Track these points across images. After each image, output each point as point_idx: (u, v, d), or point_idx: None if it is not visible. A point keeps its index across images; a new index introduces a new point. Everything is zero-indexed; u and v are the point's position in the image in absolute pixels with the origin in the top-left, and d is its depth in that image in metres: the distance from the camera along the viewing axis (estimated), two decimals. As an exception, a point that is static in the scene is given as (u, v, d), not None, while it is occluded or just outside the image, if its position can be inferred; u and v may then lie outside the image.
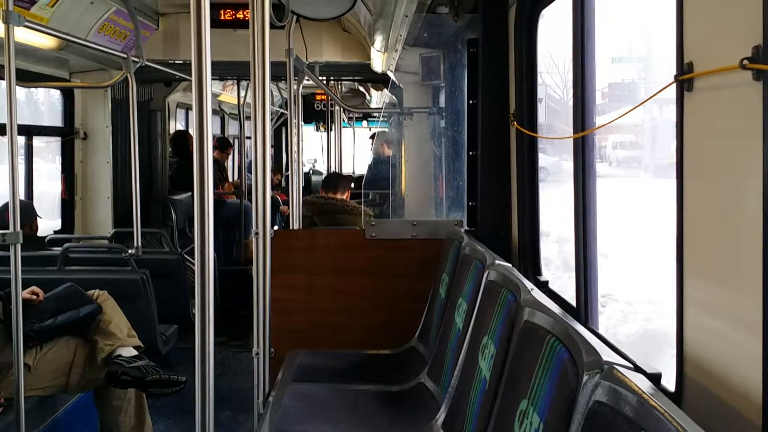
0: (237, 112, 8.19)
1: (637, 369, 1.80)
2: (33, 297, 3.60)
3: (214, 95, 8.59)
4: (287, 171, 8.83)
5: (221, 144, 8.75)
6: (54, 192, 6.28)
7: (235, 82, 8.13)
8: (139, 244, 4.69)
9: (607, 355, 1.49)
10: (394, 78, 5.45)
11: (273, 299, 3.12)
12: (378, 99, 10.43)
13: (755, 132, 1.47)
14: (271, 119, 8.29)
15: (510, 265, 2.60)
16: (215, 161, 7.63)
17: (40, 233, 4.83)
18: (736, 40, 1.52)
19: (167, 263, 5.08)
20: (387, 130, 6.81)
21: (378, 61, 5.57)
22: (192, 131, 7.48)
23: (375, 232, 3.81)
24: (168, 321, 4.87)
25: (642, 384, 1.32)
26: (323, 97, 10.57)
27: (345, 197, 5.59)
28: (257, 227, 2.99)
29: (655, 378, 1.85)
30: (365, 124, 12.96)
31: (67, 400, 3.99)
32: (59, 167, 6.17)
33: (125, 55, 4.65)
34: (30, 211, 4.55)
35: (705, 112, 1.71)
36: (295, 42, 4.41)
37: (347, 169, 10.98)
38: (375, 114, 9.67)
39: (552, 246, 8.22)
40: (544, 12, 3.22)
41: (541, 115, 3.39)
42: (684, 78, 1.74)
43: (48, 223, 5.71)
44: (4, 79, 3.15)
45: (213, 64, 1.82)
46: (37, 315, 3.57)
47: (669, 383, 1.86)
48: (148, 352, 3.84)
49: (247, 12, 3.08)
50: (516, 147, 3.47)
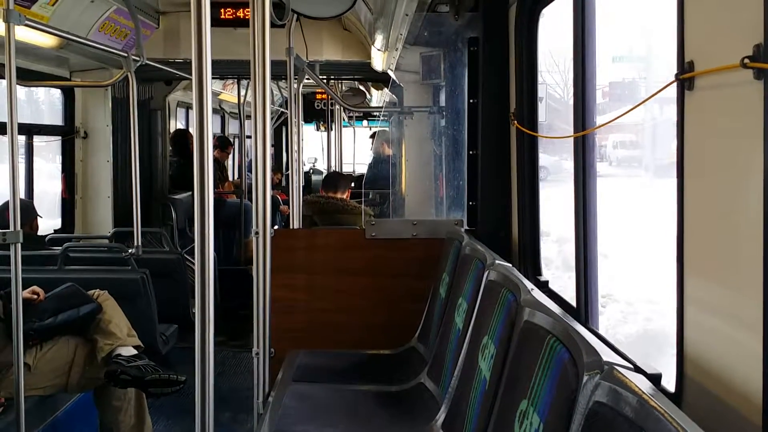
0: (237, 111, 8.19)
1: (637, 369, 1.80)
2: (33, 296, 3.60)
3: (214, 94, 8.58)
4: (287, 170, 8.82)
5: (221, 143, 8.75)
6: (54, 191, 6.28)
7: (236, 81, 8.14)
8: (139, 243, 4.68)
9: (607, 356, 1.48)
10: (394, 77, 5.44)
11: (273, 299, 3.12)
12: (378, 98, 10.42)
13: (756, 131, 1.46)
14: (272, 118, 8.27)
15: (510, 265, 2.59)
16: (215, 160, 7.61)
17: (40, 232, 4.82)
18: (736, 38, 1.52)
19: (167, 263, 5.07)
20: (387, 129, 6.80)
21: (378, 60, 5.57)
22: (192, 130, 7.48)
23: (375, 231, 3.81)
24: (168, 321, 4.87)
25: (642, 384, 1.31)
26: (323, 96, 10.56)
27: (345, 197, 5.58)
28: (257, 226, 2.99)
29: (655, 378, 1.85)
30: (365, 123, 12.94)
31: (67, 400, 3.99)
32: (59, 166, 6.16)
33: (126, 54, 4.64)
34: (30, 211, 4.54)
35: (706, 111, 1.71)
36: (296, 41, 4.42)
37: (347, 169, 10.98)
38: (375, 113, 9.64)
39: (552, 246, 8.20)
40: (544, 11, 3.22)
41: (542, 115, 3.38)
42: (685, 77, 1.74)
43: (48, 223, 5.71)
44: (4, 78, 3.15)
45: (213, 62, 1.82)
46: (38, 314, 3.57)
47: (669, 383, 1.85)
48: (148, 351, 3.84)
49: (248, 11, 3.07)
50: (516, 146, 3.47)
